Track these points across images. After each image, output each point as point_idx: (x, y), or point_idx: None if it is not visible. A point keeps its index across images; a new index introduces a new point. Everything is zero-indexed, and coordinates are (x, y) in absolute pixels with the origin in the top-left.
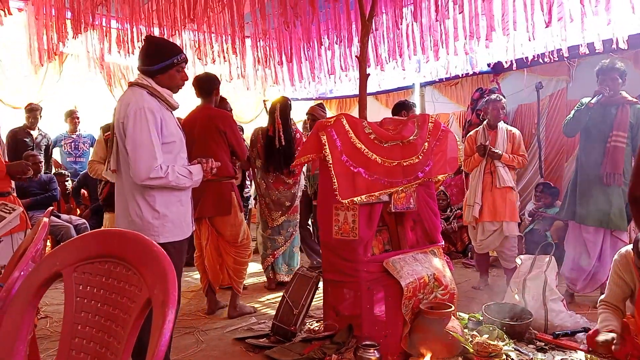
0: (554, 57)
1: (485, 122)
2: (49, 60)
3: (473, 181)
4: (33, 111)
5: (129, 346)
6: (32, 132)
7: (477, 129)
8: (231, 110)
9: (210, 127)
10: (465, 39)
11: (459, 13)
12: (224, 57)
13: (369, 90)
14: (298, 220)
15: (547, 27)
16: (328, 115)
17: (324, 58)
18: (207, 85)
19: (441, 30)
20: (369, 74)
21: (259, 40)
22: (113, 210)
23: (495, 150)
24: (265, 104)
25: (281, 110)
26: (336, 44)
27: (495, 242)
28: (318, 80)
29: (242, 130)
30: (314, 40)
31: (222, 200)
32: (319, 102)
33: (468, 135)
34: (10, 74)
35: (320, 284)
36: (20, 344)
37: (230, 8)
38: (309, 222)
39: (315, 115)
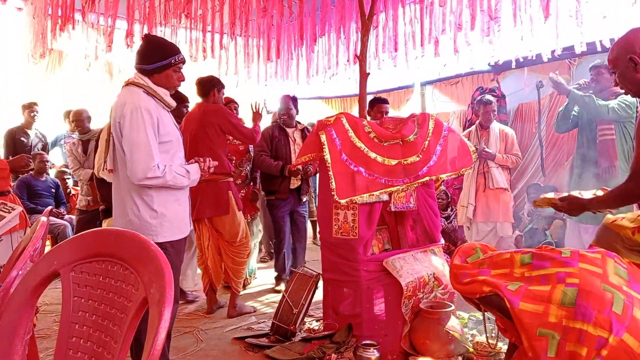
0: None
1: (477, 123)
2: (42, 57)
3: (466, 182)
4: (31, 107)
5: (125, 345)
6: (29, 131)
7: (469, 129)
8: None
9: (204, 123)
10: (461, 31)
11: (450, 13)
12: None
13: (369, 89)
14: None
15: (545, 21)
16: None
17: (322, 56)
18: (203, 87)
19: (435, 26)
20: (368, 73)
21: (254, 38)
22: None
23: (489, 151)
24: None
25: None
26: (336, 41)
27: (491, 243)
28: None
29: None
30: (309, 38)
31: (220, 200)
32: (317, 100)
33: (461, 135)
34: (8, 73)
35: (320, 283)
36: (18, 343)
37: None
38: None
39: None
